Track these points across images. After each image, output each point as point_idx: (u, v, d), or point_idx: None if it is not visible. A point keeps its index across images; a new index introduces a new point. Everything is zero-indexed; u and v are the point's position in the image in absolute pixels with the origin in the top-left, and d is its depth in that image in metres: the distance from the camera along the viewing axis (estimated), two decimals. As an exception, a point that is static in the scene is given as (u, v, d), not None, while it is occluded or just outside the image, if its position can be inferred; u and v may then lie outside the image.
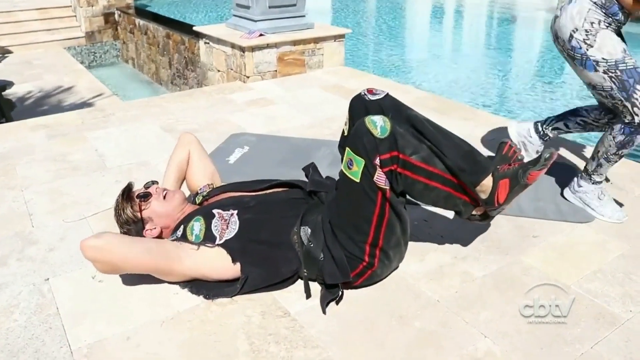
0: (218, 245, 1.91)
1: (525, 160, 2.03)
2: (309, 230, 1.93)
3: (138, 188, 2.12)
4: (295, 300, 1.94)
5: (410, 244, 2.22)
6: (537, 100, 6.81)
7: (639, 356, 1.71)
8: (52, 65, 7.94)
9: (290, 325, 1.82)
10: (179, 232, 1.99)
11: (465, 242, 2.30)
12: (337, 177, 2.17)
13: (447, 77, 8.10)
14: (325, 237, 1.91)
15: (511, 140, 2.03)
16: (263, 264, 1.93)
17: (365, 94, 2.04)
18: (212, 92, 4.62)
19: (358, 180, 1.79)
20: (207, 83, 5.54)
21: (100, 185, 2.84)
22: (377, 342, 1.75)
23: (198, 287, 1.95)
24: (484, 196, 1.91)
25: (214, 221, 1.95)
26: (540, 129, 2.87)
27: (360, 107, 2.02)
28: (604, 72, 2.32)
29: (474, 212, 1.96)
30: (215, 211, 1.99)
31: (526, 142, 2.88)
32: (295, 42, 4.93)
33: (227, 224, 1.94)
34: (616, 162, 2.50)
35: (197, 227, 1.96)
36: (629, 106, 2.31)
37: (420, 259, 2.18)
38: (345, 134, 2.10)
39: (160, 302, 1.93)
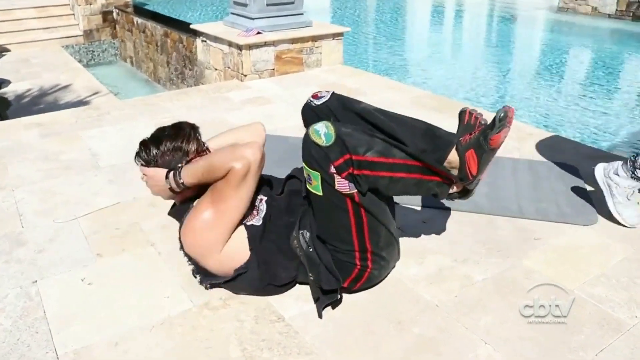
0: (243, 224, 1.85)
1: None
2: (307, 234, 1.87)
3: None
4: (290, 304, 1.88)
5: (409, 246, 2.17)
6: (538, 100, 6.75)
7: (644, 364, 1.66)
8: (50, 64, 7.89)
9: (284, 330, 1.76)
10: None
11: (465, 245, 2.25)
12: None
13: (446, 76, 8.05)
14: (315, 245, 1.85)
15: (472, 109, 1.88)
16: (266, 266, 1.86)
17: (311, 100, 1.98)
18: (208, 90, 4.56)
19: (321, 194, 1.74)
20: (205, 81, 5.48)
21: (92, 184, 2.79)
22: (374, 349, 1.69)
23: (197, 270, 1.89)
24: (455, 172, 1.82)
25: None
26: (629, 166, 2.42)
27: (310, 115, 1.96)
28: None
29: (451, 191, 1.87)
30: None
31: (612, 183, 2.45)
32: (293, 41, 4.88)
33: (257, 210, 1.89)
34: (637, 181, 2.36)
35: None
36: None
37: (419, 262, 2.12)
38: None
39: (150, 305, 1.87)
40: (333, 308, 1.86)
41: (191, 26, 5.52)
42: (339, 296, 1.85)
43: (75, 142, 3.36)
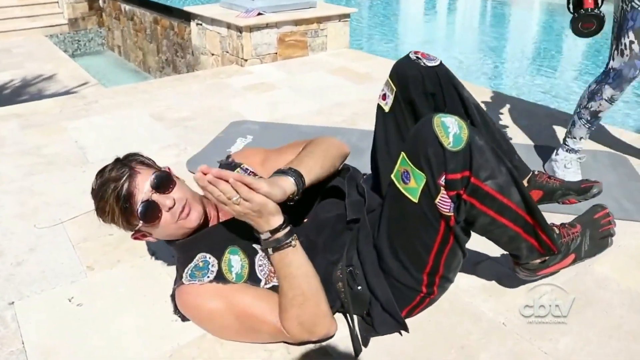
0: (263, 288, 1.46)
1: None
2: (359, 272, 1.48)
3: (139, 174, 1.46)
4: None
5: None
6: (533, 82, 6.50)
7: None
8: (33, 54, 7.53)
9: (323, 361, 1.42)
10: (212, 267, 1.46)
11: (522, 248, 1.91)
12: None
13: (445, 57, 7.78)
14: (369, 280, 1.46)
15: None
16: None
17: (418, 58, 1.59)
18: (205, 76, 4.21)
19: (416, 201, 1.33)
20: (200, 68, 5.15)
21: (80, 182, 2.43)
22: (439, 385, 1.36)
23: None
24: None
25: (257, 258, 1.48)
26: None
27: (411, 73, 1.58)
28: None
29: (532, 262, 1.52)
30: (257, 247, 1.48)
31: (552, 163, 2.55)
32: (297, 22, 4.56)
33: None
34: (589, 124, 2.37)
35: (236, 263, 1.47)
36: (613, 47, 2.19)
37: (471, 270, 1.78)
38: (387, 109, 1.66)
39: (155, 332, 1.52)
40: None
41: (185, 8, 5.19)
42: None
43: (59, 134, 3.01)
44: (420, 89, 1.59)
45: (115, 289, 1.72)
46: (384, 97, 1.67)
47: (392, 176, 1.38)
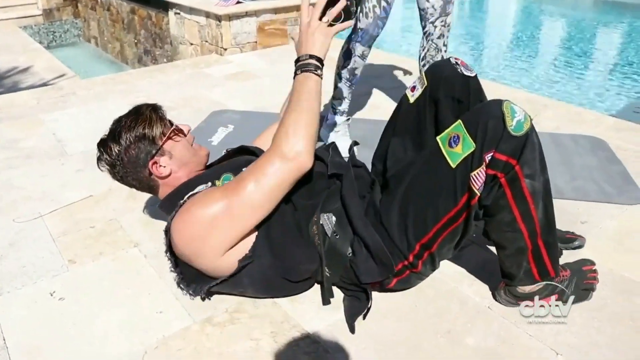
0: None
1: None
2: (334, 218, 1.50)
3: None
4: (312, 314, 1.53)
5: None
6: (516, 68, 6.52)
7: None
8: (6, 46, 7.35)
9: (311, 349, 1.41)
10: (203, 188, 1.53)
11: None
12: (351, 158, 1.76)
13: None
14: (355, 224, 1.48)
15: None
16: (279, 254, 1.48)
17: (457, 64, 1.62)
18: (185, 66, 4.15)
19: (454, 166, 1.35)
20: (179, 58, 5.08)
21: (59, 175, 2.38)
22: (426, 370, 1.36)
23: (188, 280, 1.52)
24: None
25: None
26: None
27: (449, 77, 1.62)
28: None
29: (521, 288, 1.54)
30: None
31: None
32: (276, 10, 4.51)
33: None
34: (349, 82, 2.54)
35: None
36: (359, 10, 2.37)
37: (456, 255, 1.78)
38: (412, 100, 1.70)
39: (140, 325, 1.50)
40: (364, 318, 1.51)
41: (162, -2, 5.09)
42: (370, 301, 1.50)
43: (36, 127, 2.94)
44: (450, 92, 1.62)
45: (98, 282, 1.69)
46: (412, 89, 1.71)
47: (438, 138, 1.42)
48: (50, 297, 1.62)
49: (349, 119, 2.63)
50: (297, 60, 1.48)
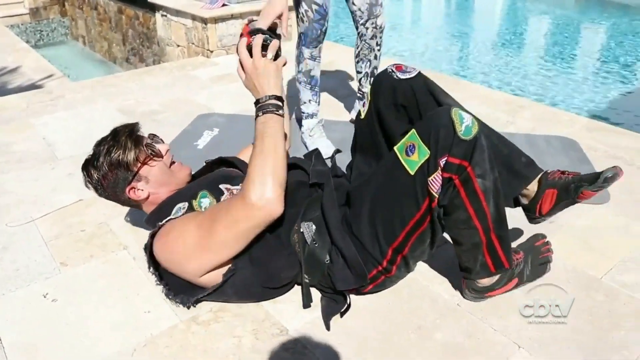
0: None
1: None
2: (314, 227, 1.60)
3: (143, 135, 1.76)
4: (292, 313, 1.63)
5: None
6: (500, 66, 6.61)
7: (696, 361, 1.47)
8: (-6, 45, 7.34)
9: (290, 346, 1.51)
10: (183, 208, 1.62)
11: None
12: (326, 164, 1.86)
13: (411, 46, 7.83)
14: (333, 234, 1.58)
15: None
16: (260, 264, 1.57)
17: (393, 72, 1.70)
18: (172, 68, 4.22)
19: (412, 173, 1.46)
20: (166, 59, 5.13)
21: (50, 179, 2.46)
22: (397, 363, 1.46)
23: (175, 291, 1.61)
24: (525, 201, 1.65)
25: (223, 198, 1.61)
26: None
27: (385, 87, 1.70)
28: None
29: (480, 281, 1.64)
30: (222, 187, 1.64)
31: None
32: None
33: None
34: (309, 85, 2.67)
35: (205, 202, 1.62)
36: (296, 16, 2.59)
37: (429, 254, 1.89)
38: (362, 115, 1.79)
39: (129, 324, 1.59)
40: (341, 316, 1.61)
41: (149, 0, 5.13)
42: (348, 302, 1.60)
43: (27, 131, 3.01)
44: (390, 100, 1.71)
45: (89, 283, 1.78)
46: (363, 104, 1.80)
47: (396, 148, 1.51)
48: (43, 298, 1.71)
49: (321, 121, 2.73)
50: (256, 102, 1.52)
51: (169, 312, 1.63)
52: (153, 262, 1.58)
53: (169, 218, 1.59)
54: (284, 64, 1.54)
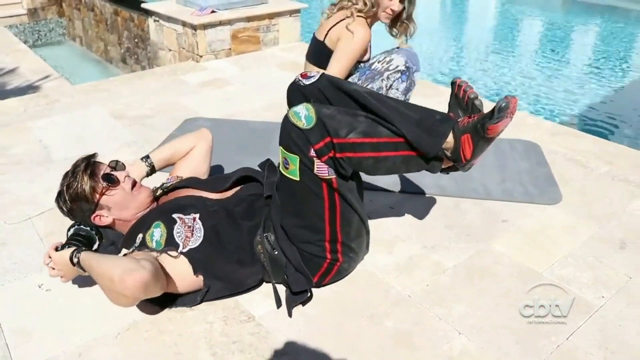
0: (181, 253, 1.75)
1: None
2: (273, 237, 1.81)
3: (101, 163, 1.91)
4: (259, 302, 1.83)
5: (378, 234, 2.14)
6: (490, 71, 6.77)
7: (614, 345, 1.67)
8: (-7, 45, 7.48)
9: (255, 330, 1.71)
10: (138, 241, 1.82)
11: (433, 230, 2.23)
12: None
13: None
14: (281, 245, 1.80)
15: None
16: (227, 279, 1.80)
17: (299, 80, 1.89)
18: (163, 73, 4.40)
19: (298, 179, 1.68)
20: (159, 63, 5.30)
21: (45, 180, 2.65)
22: (349, 346, 1.66)
23: (156, 300, 1.78)
24: (449, 153, 1.76)
25: (176, 227, 1.79)
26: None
27: (297, 96, 1.89)
28: None
29: (443, 166, 1.79)
30: (175, 216, 1.82)
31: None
32: (249, 19, 4.74)
33: (192, 231, 1.77)
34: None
35: (157, 233, 1.79)
36: None
37: (389, 251, 2.09)
38: None
39: (114, 311, 1.78)
40: (303, 305, 1.81)
41: (142, 5, 5.29)
42: (309, 294, 1.81)
43: (24, 134, 3.18)
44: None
45: (79, 275, 1.96)
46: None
47: (279, 168, 1.74)
48: (38, 289, 1.91)
49: None
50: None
51: (150, 301, 1.83)
52: None
53: (132, 248, 1.82)
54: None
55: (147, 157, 2.12)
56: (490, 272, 1.99)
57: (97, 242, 1.83)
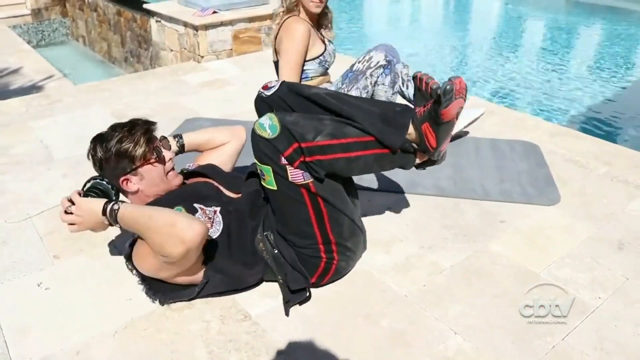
0: None
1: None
2: (272, 235, 1.83)
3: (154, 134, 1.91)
4: (256, 301, 1.84)
5: (375, 234, 2.15)
6: (495, 73, 6.76)
7: (610, 346, 1.67)
8: (-3, 45, 7.51)
9: (251, 329, 1.72)
10: None
11: (431, 230, 2.24)
12: None
13: (405, 50, 7.99)
14: (279, 246, 1.82)
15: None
16: (228, 274, 1.80)
17: (261, 92, 1.92)
18: (164, 74, 4.42)
19: (276, 188, 1.72)
20: (161, 63, 5.32)
21: (46, 180, 2.67)
22: (344, 345, 1.67)
23: (155, 290, 1.81)
24: (416, 145, 1.79)
25: (197, 215, 1.79)
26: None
27: (263, 106, 1.91)
28: None
29: (418, 161, 1.85)
30: (197, 206, 1.82)
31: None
32: (250, 19, 4.76)
33: (212, 222, 1.80)
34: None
35: None
36: None
37: (386, 251, 2.10)
38: None
39: (112, 309, 1.81)
40: (300, 304, 1.82)
41: (144, 6, 5.32)
42: (307, 294, 1.82)
43: (26, 134, 3.21)
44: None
45: (78, 274, 1.99)
46: None
47: (260, 182, 1.77)
48: (37, 287, 1.92)
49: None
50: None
51: (147, 300, 1.83)
52: (134, 266, 1.79)
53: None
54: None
55: (180, 136, 2.08)
56: (487, 272, 1.99)
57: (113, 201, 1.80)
